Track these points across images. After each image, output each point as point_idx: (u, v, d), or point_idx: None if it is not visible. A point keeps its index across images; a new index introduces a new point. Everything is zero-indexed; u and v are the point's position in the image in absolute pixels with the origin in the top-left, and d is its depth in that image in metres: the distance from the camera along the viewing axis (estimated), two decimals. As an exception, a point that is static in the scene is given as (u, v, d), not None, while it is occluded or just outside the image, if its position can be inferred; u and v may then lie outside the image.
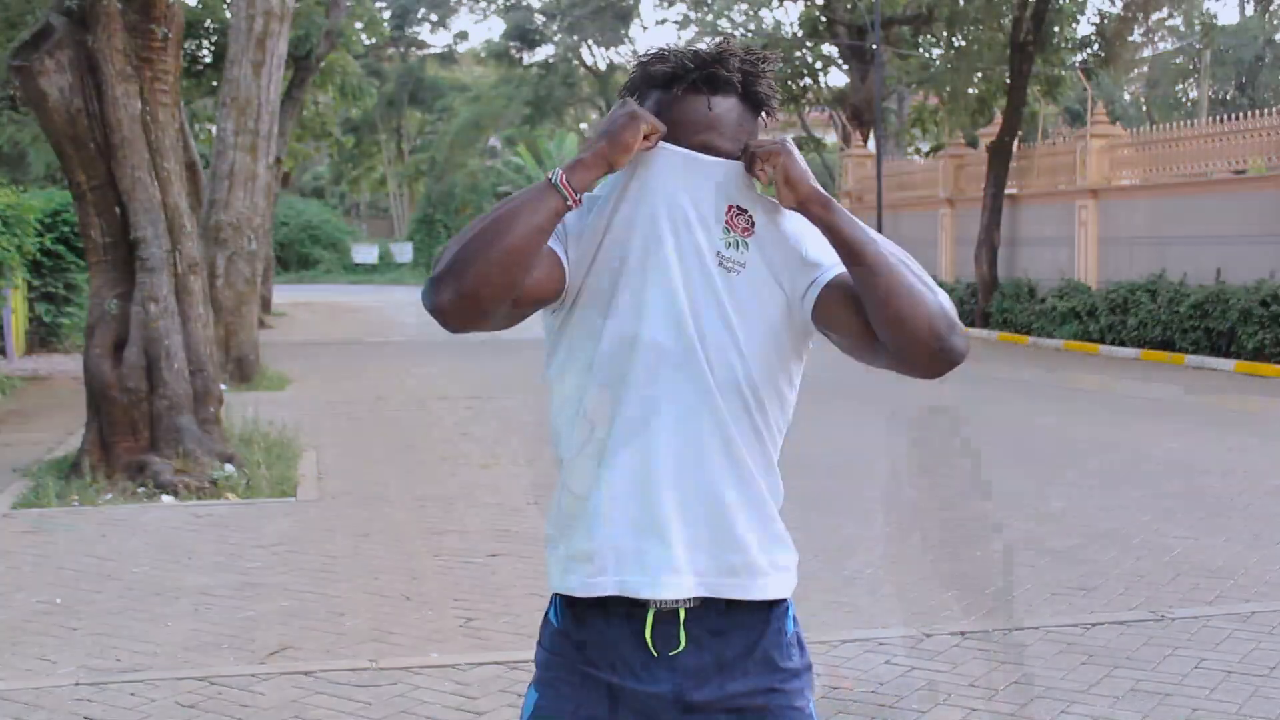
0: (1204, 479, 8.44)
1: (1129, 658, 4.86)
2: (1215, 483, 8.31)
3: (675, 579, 1.94)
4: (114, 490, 7.96)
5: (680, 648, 1.95)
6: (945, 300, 1.86)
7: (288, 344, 19.35)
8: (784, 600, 2.03)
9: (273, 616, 5.46)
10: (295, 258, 46.04)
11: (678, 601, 1.95)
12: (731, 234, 1.94)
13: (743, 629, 1.98)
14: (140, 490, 7.97)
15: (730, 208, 1.94)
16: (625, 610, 1.96)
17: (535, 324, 2.08)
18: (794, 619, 2.06)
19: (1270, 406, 12.26)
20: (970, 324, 21.61)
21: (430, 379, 14.88)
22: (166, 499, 7.84)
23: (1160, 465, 8.96)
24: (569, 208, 1.87)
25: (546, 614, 2.07)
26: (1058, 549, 6.58)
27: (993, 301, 20.95)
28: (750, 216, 1.95)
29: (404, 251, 47.98)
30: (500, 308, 1.88)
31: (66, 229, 16.75)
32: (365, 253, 47.83)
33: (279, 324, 24.14)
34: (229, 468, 8.32)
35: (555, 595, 2.05)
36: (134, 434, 8.27)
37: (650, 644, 1.95)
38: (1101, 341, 18.17)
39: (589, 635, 1.98)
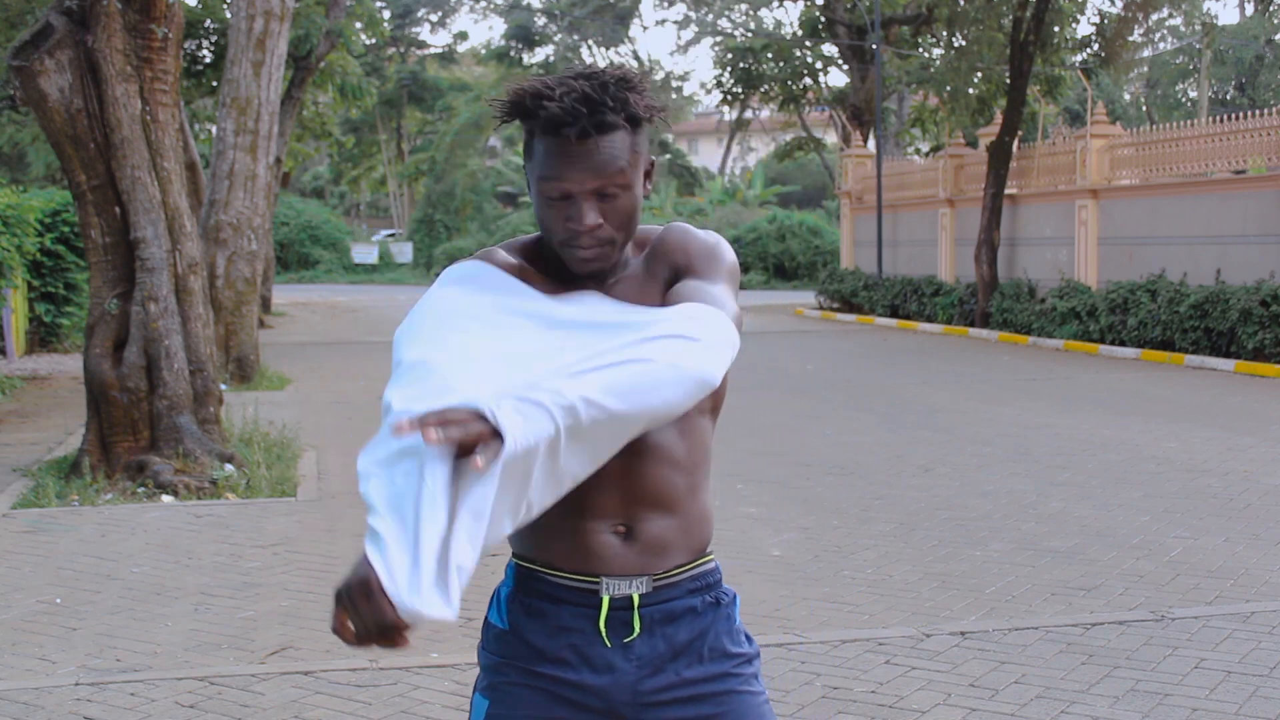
0: (1204, 479, 8.44)
1: (1129, 658, 4.86)
2: (1215, 483, 8.31)
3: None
4: (114, 490, 7.96)
5: (634, 634, 1.93)
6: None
7: (288, 344, 19.35)
8: (724, 587, 2.03)
9: (273, 616, 5.46)
10: (295, 258, 46.01)
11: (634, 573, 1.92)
12: None
13: (694, 614, 1.97)
14: (140, 490, 7.97)
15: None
16: (578, 598, 1.92)
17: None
18: (738, 609, 2.06)
19: (1270, 406, 12.26)
20: (970, 324, 21.63)
21: (430, 379, 14.84)
22: (166, 499, 7.84)
23: (1160, 465, 8.96)
24: None
25: (487, 616, 2.03)
26: (1058, 549, 6.58)
27: (993, 301, 20.94)
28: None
29: (404, 251, 47.97)
30: None
31: (66, 229, 16.75)
32: (365, 253, 47.81)
33: (279, 324, 24.12)
34: (229, 468, 8.32)
35: (495, 594, 2.02)
36: (134, 434, 8.28)
37: (604, 633, 1.92)
38: (1101, 341, 18.16)
39: (538, 628, 1.95)
